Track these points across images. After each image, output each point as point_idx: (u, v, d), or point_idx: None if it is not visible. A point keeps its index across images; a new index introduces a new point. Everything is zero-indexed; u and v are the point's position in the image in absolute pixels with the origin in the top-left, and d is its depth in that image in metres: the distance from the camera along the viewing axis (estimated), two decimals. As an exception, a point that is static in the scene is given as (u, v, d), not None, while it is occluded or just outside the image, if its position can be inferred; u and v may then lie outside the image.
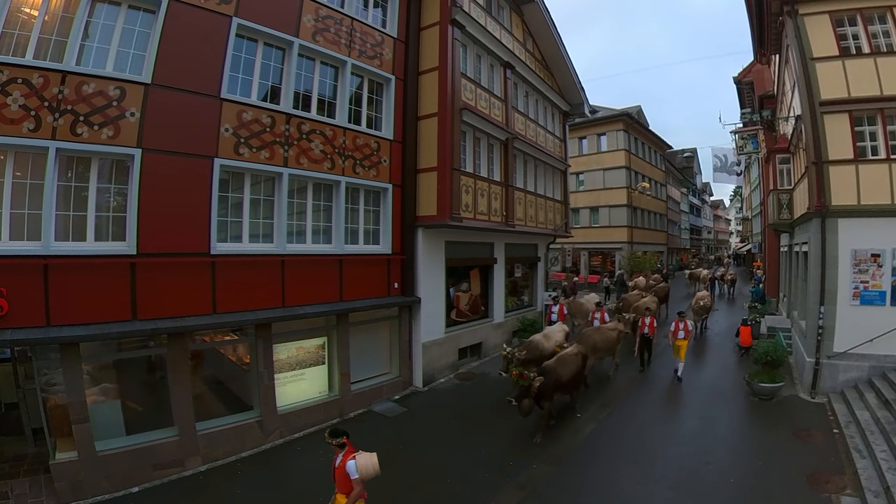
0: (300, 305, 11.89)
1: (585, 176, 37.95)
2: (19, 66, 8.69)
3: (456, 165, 14.56)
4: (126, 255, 9.67)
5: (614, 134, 36.37)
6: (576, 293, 27.27)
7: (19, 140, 8.73)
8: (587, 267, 38.65)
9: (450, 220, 14.17)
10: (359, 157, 13.23)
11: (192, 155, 10.36)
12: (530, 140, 19.27)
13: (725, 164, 27.20)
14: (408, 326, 14.71)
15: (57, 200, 9.17)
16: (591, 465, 9.92)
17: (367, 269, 13.50)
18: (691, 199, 67.71)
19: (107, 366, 10.38)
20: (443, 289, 15.47)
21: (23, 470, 9.92)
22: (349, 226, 13.18)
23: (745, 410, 12.40)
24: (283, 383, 11.90)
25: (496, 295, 18.03)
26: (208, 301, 10.61)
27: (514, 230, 17.70)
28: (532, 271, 21.01)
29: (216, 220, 10.65)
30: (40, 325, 9.06)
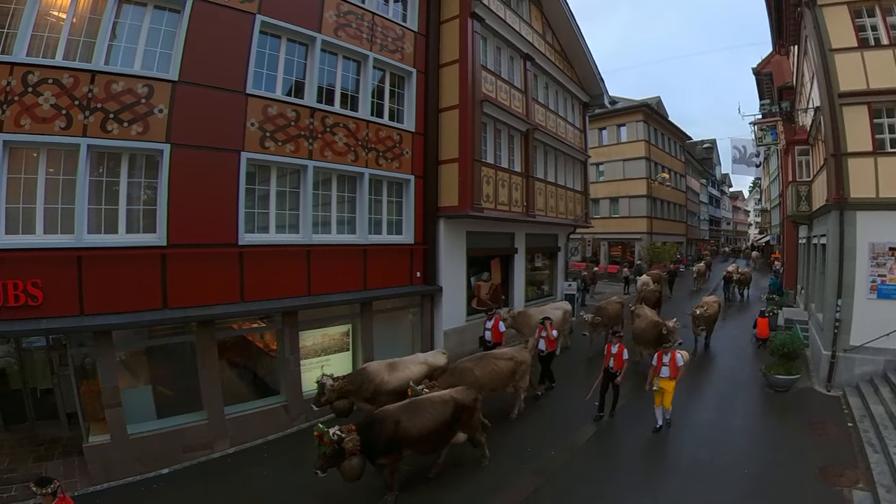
0: (325, 294, 11.88)
1: (605, 166, 37.19)
2: (50, 67, 8.76)
3: (477, 156, 14.35)
4: (156, 247, 9.70)
5: (634, 125, 35.58)
6: (595, 283, 26.85)
7: (52, 138, 8.79)
8: (607, 257, 37.88)
9: (471, 210, 14.02)
10: (382, 150, 13.11)
11: (219, 149, 10.33)
12: (550, 131, 18.91)
13: (744, 156, 26.40)
14: (430, 314, 14.59)
15: (89, 195, 9.23)
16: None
17: (390, 258, 13.43)
18: (711, 190, 66.13)
19: (138, 352, 10.44)
20: (464, 278, 15.34)
21: (57, 452, 10.07)
22: (373, 216, 13.11)
23: (760, 402, 12.07)
24: (308, 369, 11.84)
25: (516, 284, 17.81)
26: (236, 290, 10.62)
27: (534, 220, 17.42)
28: (552, 261, 20.69)
29: (244, 212, 10.63)
30: (74, 315, 9.12)
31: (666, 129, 40.10)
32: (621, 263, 34.00)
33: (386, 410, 8.04)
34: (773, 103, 22.66)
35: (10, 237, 8.71)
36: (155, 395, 10.22)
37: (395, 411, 7.97)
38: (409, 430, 7.77)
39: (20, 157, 8.88)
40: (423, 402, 8.35)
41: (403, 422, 7.77)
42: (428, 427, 7.93)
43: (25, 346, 11.19)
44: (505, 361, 10.91)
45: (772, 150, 32.05)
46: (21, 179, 8.88)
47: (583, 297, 22.94)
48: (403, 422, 7.77)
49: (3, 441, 10.44)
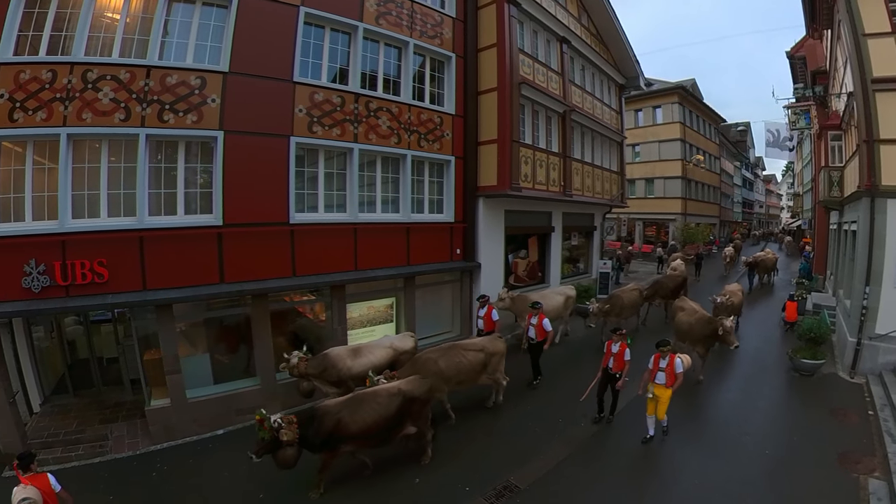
0: (371, 269, 11.84)
1: (641, 148, 35.65)
2: (107, 65, 8.87)
3: (515, 137, 13.87)
4: (213, 226, 9.79)
5: (669, 107, 33.92)
6: (630, 262, 25.83)
7: (112, 129, 8.93)
8: (642, 237, 36.50)
9: (509, 189, 13.61)
10: (423, 132, 12.80)
11: (269, 134, 10.32)
12: (587, 112, 18.10)
13: (778, 139, 24.82)
14: (469, 289, 14.33)
15: (149, 180, 9.36)
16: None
17: (431, 236, 13.20)
18: (744, 172, 62.84)
19: (197, 323, 10.57)
20: (502, 255, 14.95)
21: (121, 415, 10.37)
22: (415, 196, 12.89)
23: (785, 385, 11.43)
24: (354, 338, 11.85)
25: (553, 262, 17.26)
26: (288, 265, 10.65)
27: (571, 200, 16.78)
28: (588, 240, 19.96)
29: (294, 193, 10.63)
30: (137, 290, 9.31)
31: (701, 111, 38.10)
32: (655, 243, 32.67)
33: (327, 405, 7.39)
34: (806, 87, 21.24)
35: (77, 221, 8.96)
36: (212, 363, 10.36)
37: (337, 407, 7.33)
38: (350, 426, 7.16)
39: (83, 148, 9.07)
40: (367, 395, 7.59)
41: (344, 418, 7.17)
42: (368, 423, 7.27)
43: (93, 320, 11.51)
44: (474, 353, 9.62)
45: (805, 135, 30.10)
46: (85, 168, 9.08)
47: (617, 276, 22.10)
48: (344, 418, 7.17)
49: (73, 405, 10.82)
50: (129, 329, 10.81)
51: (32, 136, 8.67)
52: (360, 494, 7.50)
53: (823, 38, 19.19)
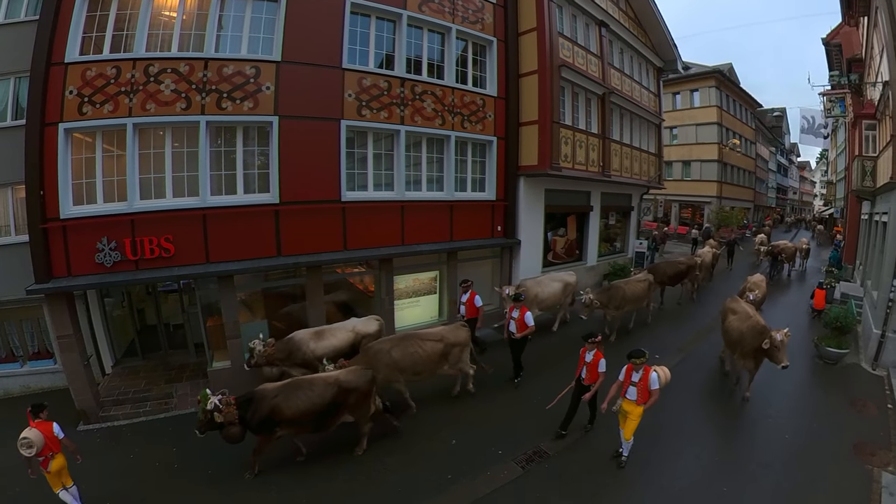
0: (417, 244, 11.68)
1: (679, 130, 33.60)
2: (167, 59, 9.02)
3: (555, 118, 13.19)
4: (270, 204, 9.83)
5: (707, 90, 31.78)
6: (665, 243, 24.46)
7: (174, 118, 9.07)
8: (677, 218, 34.70)
9: (549, 169, 12.98)
10: (466, 114, 12.32)
11: (321, 118, 10.23)
12: (626, 94, 17.05)
13: (813, 126, 22.86)
14: (508, 265, 13.90)
15: (210, 163, 9.45)
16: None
17: (474, 213, 12.79)
18: (779, 158, 58.73)
19: (256, 293, 10.72)
20: (541, 233, 14.34)
21: (185, 376, 10.58)
22: (458, 175, 12.49)
23: (808, 371, 10.57)
24: (400, 308, 11.95)
25: (590, 240, 16.46)
26: (340, 239, 10.61)
27: (609, 180, 15.91)
28: (625, 220, 18.96)
29: (345, 173, 10.53)
30: (201, 263, 9.44)
31: (737, 95, 35.61)
32: (691, 225, 30.90)
33: (264, 390, 7.01)
34: (841, 75, 19.37)
35: (145, 202, 9.18)
36: (269, 329, 10.36)
37: (273, 392, 6.96)
38: (284, 411, 6.80)
39: (148, 136, 9.23)
40: (303, 382, 7.13)
41: (279, 403, 6.83)
42: (302, 409, 6.85)
43: (160, 290, 11.78)
44: (433, 343, 8.52)
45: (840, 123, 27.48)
46: (151, 154, 9.27)
47: (652, 256, 20.88)
48: (279, 403, 6.83)
49: (141, 367, 11.12)
50: (193, 298, 11.03)
51: (101, 126, 8.91)
52: (399, 452, 7.57)
53: (860, 26, 17.51)
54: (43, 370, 11.52)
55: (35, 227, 8.80)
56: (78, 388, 9.51)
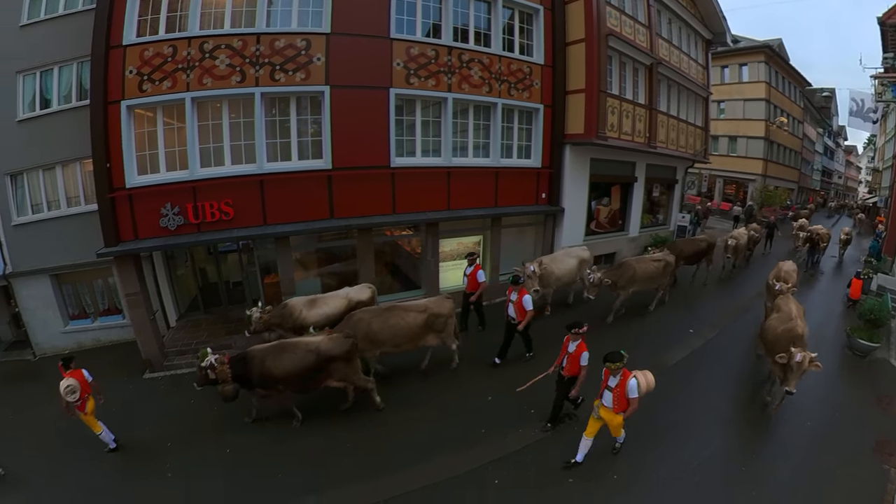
0: (462, 209, 11.39)
1: (726, 105, 31.10)
2: (221, 36, 9.07)
3: (602, 87, 12.39)
4: (323, 170, 9.82)
5: (755, 65, 29.31)
6: (707, 218, 22.98)
7: (230, 90, 9.15)
8: (721, 194, 32.46)
9: (595, 138, 12.24)
10: (513, 81, 11.72)
11: (371, 87, 10.03)
12: (674, 66, 15.87)
13: (862, 109, 20.51)
14: (551, 232, 13.34)
15: (266, 132, 9.52)
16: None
17: (518, 180, 12.28)
18: (826, 140, 54.00)
19: (310, 253, 10.95)
20: (585, 201, 13.65)
21: (243, 329, 10.50)
22: (504, 142, 11.96)
23: (837, 362, 9.57)
24: (445, 270, 11.81)
25: (633, 211, 15.54)
26: (389, 203, 10.50)
27: (655, 151, 14.94)
28: (669, 192, 17.80)
29: (394, 139, 10.33)
30: (259, 225, 9.59)
31: (786, 72, 32.79)
32: (734, 202, 28.90)
33: (255, 350, 7.04)
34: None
35: (205, 169, 9.39)
36: (322, 286, 10.55)
37: (263, 352, 6.97)
38: (273, 371, 6.84)
39: (206, 108, 9.35)
40: (288, 346, 7.08)
41: (267, 362, 6.86)
42: (288, 370, 6.85)
43: (221, 251, 12.02)
44: (415, 314, 7.98)
45: (891, 108, 24.70)
46: (209, 125, 9.40)
47: (694, 230, 19.64)
48: (267, 362, 6.86)
49: (203, 320, 11.45)
50: (251, 257, 11.26)
51: (161, 102, 9.09)
52: (443, 409, 7.65)
53: (919, 7, 15.23)
54: (112, 325, 12.02)
55: (103, 196, 9.15)
56: (144, 340, 9.88)
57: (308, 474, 6.60)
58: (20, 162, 10.95)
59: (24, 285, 11.76)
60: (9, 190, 11.14)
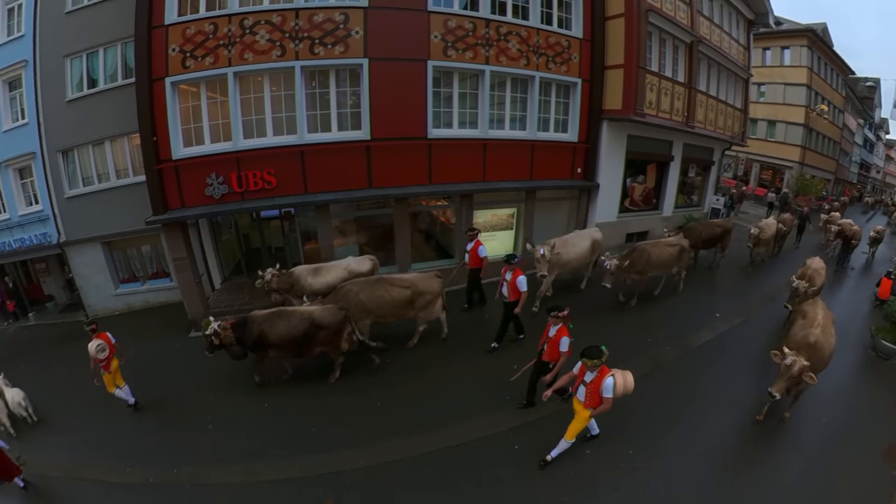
0: (497, 181, 11.17)
1: (767, 88, 29.49)
2: (260, 12, 9.08)
3: (641, 64, 11.90)
4: (362, 141, 9.78)
5: (798, 49, 27.75)
6: (742, 202, 21.98)
7: (271, 65, 9.19)
8: (757, 179, 30.96)
9: (633, 115, 11.81)
10: (551, 55, 11.35)
11: (409, 60, 9.89)
12: (714, 45, 15.12)
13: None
14: (585, 207, 12.99)
15: (306, 104, 9.53)
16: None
17: (554, 154, 11.92)
18: (867, 132, 50.84)
19: (349, 221, 11.03)
20: (620, 178, 13.21)
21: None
22: (541, 115, 11.62)
23: (859, 361, 8.80)
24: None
25: (668, 190, 14.95)
26: (425, 174, 10.40)
27: (692, 131, 14.32)
28: (705, 174, 17.05)
29: (431, 111, 10.19)
30: (300, 193, 9.69)
31: (829, 58, 30.96)
32: (769, 188, 27.53)
33: (254, 316, 7.38)
34: None
35: (248, 141, 9.53)
36: (360, 253, 10.52)
37: (261, 318, 7.31)
38: (269, 336, 7.21)
39: (248, 82, 9.45)
40: (284, 313, 7.36)
41: (265, 328, 7.21)
42: (282, 336, 7.19)
43: (263, 217, 12.17)
44: (400, 289, 8.01)
45: None
46: (251, 98, 9.50)
47: (727, 214, 18.80)
48: (265, 328, 7.21)
49: (246, 283, 11.75)
50: (293, 224, 11.39)
51: (203, 77, 9.23)
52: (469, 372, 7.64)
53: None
54: (160, 287, 12.42)
55: (151, 168, 9.43)
56: (190, 302, 10.20)
57: (339, 429, 6.87)
58: (71, 139, 11.40)
59: (77, 252, 12.21)
60: (61, 165, 11.64)
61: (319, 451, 6.63)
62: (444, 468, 6.20)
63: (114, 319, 11.91)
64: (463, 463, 6.22)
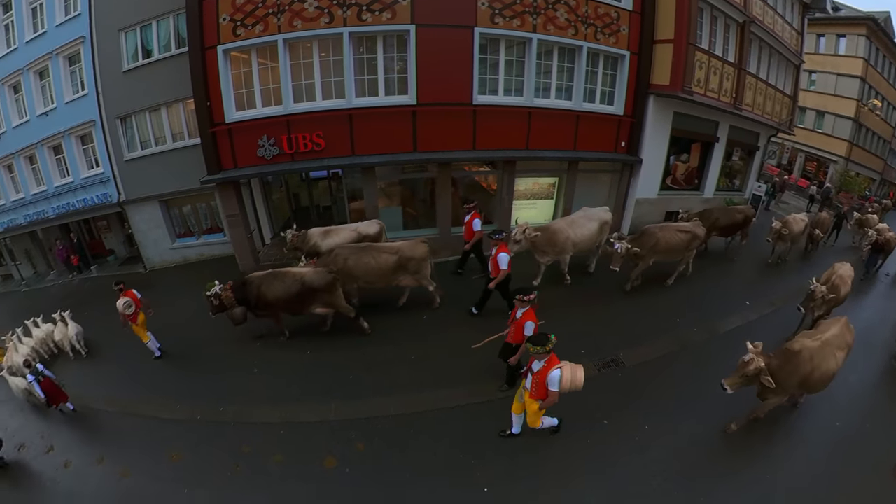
0: (540, 150, 10.90)
1: (818, 77, 27.40)
2: None
3: (692, 40, 11.32)
4: (408, 105, 9.75)
5: (854, 38, 25.81)
6: (783, 192, 20.81)
7: (320, 31, 9.21)
8: (801, 169, 29.06)
9: (681, 91, 11.28)
10: (600, 25, 10.92)
11: (455, 26, 9.69)
12: (767, 26, 14.28)
13: None
14: (626, 182, 12.56)
15: (354, 69, 9.54)
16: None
17: (599, 125, 11.53)
18: (920, 132, 47.21)
19: (393, 183, 11.16)
20: (664, 155, 12.67)
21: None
22: (588, 86, 11.21)
23: (881, 370, 7.86)
24: (518, 208, 11.51)
25: (711, 172, 14.23)
26: (469, 140, 10.27)
27: (739, 114, 13.59)
28: (749, 158, 16.14)
29: (477, 77, 9.99)
30: (347, 155, 9.79)
31: (889, 51, 28.64)
32: (812, 180, 25.93)
33: (252, 276, 7.72)
34: None
35: (298, 104, 9.65)
36: (402, 214, 10.86)
37: (259, 279, 7.63)
38: (267, 295, 7.50)
39: (297, 49, 9.50)
40: (279, 274, 7.66)
41: (262, 288, 7.51)
42: (279, 295, 7.49)
43: (312, 177, 12.37)
44: (388, 255, 8.02)
45: None
46: (301, 64, 9.56)
47: (768, 203, 17.82)
48: (262, 288, 7.51)
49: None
50: (340, 185, 11.55)
51: (254, 44, 9.33)
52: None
53: None
54: (214, 242, 12.85)
55: (205, 131, 9.73)
56: (242, 255, 10.53)
57: (373, 378, 7.19)
58: (128, 106, 11.86)
59: (136, 210, 12.72)
60: (119, 131, 12.11)
61: (354, 398, 6.92)
62: (472, 419, 6.29)
63: (170, 271, 12.45)
64: (489, 415, 6.26)
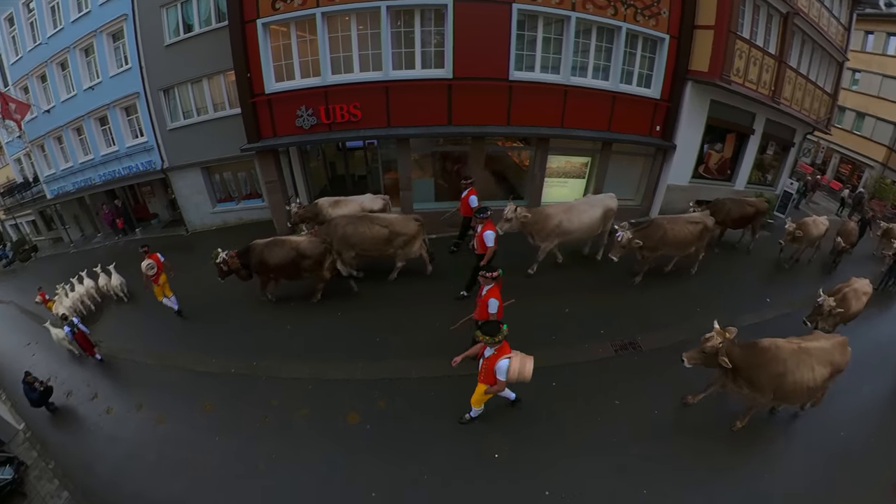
0: (575, 128, 10.68)
1: (861, 76, 25.47)
2: None
3: (733, 28, 10.93)
4: (444, 79, 9.68)
5: (903, 38, 24.16)
6: (815, 191, 19.98)
7: (358, 5, 9.32)
8: (834, 171, 27.30)
9: (719, 80, 10.91)
10: (640, 7, 10.60)
11: (494, 1, 9.53)
12: (812, 20, 13.65)
13: None
14: (659, 167, 12.20)
15: (391, 42, 9.49)
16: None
17: (634, 108, 11.19)
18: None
19: (426, 155, 11.11)
20: (698, 143, 12.27)
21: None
22: (625, 67, 10.88)
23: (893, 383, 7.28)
24: (549, 186, 11.36)
25: (744, 164, 13.73)
26: (504, 115, 10.16)
27: (777, 107, 13.04)
28: (784, 154, 15.50)
29: (514, 53, 9.84)
30: (383, 126, 9.81)
31: (936, 56, 26.79)
32: (845, 183, 24.67)
33: (255, 243, 8.13)
34: None
35: (335, 76, 9.70)
36: (434, 186, 10.83)
37: (261, 246, 8.08)
38: (267, 260, 7.96)
39: (336, 22, 9.49)
40: (278, 241, 8.13)
41: (264, 253, 7.96)
42: (277, 261, 7.94)
43: (349, 147, 12.53)
44: (379, 228, 8.26)
45: None
46: (339, 37, 9.57)
47: (798, 201, 17.11)
48: (264, 253, 7.96)
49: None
50: (375, 155, 11.66)
51: (293, 18, 9.35)
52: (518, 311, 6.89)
53: None
54: (253, 207, 13.14)
55: (245, 101, 9.88)
56: (279, 220, 10.74)
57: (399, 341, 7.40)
58: (171, 79, 12.12)
59: (179, 177, 13.03)
60: (163, 102, 12.40)
61: (379, 359, 7.05)
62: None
63: (211, 234, 12.75)
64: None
